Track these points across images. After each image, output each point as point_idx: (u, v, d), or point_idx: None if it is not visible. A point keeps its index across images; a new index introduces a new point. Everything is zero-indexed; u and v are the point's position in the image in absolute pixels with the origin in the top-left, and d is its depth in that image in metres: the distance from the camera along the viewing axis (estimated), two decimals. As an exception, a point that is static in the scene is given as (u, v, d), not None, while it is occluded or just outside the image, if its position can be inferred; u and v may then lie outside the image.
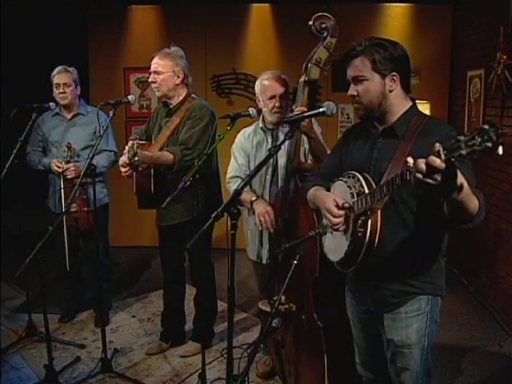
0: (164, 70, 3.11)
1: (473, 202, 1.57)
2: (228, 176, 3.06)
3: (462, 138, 1.28)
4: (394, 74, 1.84)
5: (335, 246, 1.95)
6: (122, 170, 3.06)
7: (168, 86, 3.13)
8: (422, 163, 1.37)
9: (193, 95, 3.24)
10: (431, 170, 1.36)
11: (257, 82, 2.91)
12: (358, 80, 1.88)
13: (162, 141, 3.14)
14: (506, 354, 3.47)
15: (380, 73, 1.84)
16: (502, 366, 3.33)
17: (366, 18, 5.11)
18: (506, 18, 3.84)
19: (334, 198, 1.88)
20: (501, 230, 4.00)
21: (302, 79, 2.55)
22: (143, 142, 3.10)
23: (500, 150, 1.24)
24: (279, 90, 2.81)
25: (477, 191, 1.62)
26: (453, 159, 1.31)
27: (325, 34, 2.48)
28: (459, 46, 5.15)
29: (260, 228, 2.82)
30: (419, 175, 1.39)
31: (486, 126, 1.24)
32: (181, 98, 3.19)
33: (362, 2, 5.12)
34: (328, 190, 2.00)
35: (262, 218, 2.73)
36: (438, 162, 1.33)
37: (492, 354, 3.48)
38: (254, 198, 2.83)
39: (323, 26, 2.46)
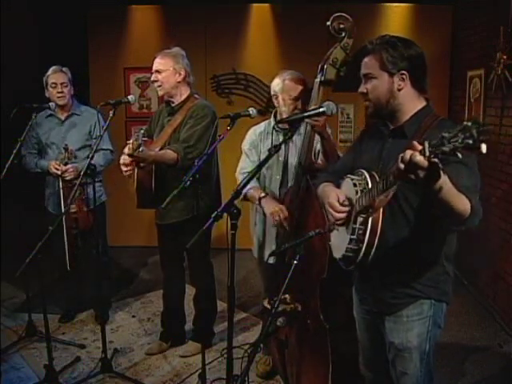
0: (164, 68, 3.14)
1: (460, 203, 1.56)
2: (242, 171, 3.00)
3: (446, 134, 1.28)
4: (403, 72, 1.83)
5: (339, 243, 1.95)
6: (124, 168, 3.06)
7: (170, 83, 3.15)
8: (406, 154, 1.39)
9: (195, 95, 3.25)
10: (412, 165, 1.37)
11: (278, 80, 2.86)
12: (367, 78, 1.90)
13: (163, 139, 3.16)
14: (506, 353, 3.47)
15: (388, 71, 1.84)
16: (502, 365, 3.33)
17: (366, 18, 5.11)
18: (506, 18, 3.84)
19: (337, 193, 1.89)
20: (501, 229, 4.00)
21: (317, 79, 2.55)
22: (145, 139, 3.12)
23: (483, 149, 1.21)
24: (303, 92, 2.79)
25: (471, 194, 1.61)
26: (436, 157, 1.32)
27: (342, 35, 2.47)
28: (459, 45, 5.16)
29: (274, 225, 2.80)
30: (400, 166, 1.40)
31: (469, 123, 1.23)
32: (183, 97, 3.21)
33: (362, 2, 5.12)
34: (338, 187, 2.00)
35: (276, 218, 2.71)
36: (417, 157, 1.35)
37: (492, 354, 3.48)
38: (262, 195, 2.82)
39: (341, 26, 2.46)
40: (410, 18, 5.25)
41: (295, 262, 1.99)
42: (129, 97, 3.05)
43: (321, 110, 2.08)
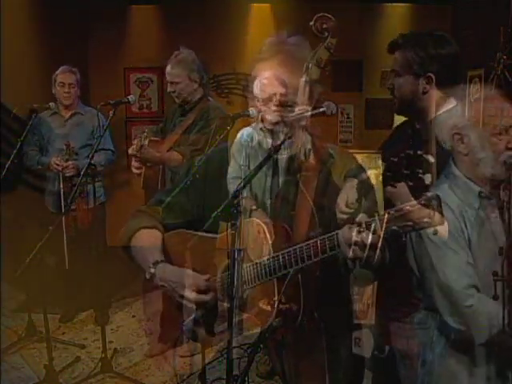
0: (179, 79, 3.19)
1: None
2: (228, 176, 3.05)
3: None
4: (430, 75, 1.76)
5: None
6: (134, 170, 3.11)
7: (187, 92, 3.22)
8: None
9: (209, 97, 3.31)
10: None
11: (255, 82, 2.91)
12: (395, 74, 1.84)
13: (174, 139, 3.22)
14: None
15: (413, 73, 1.78)
16: (501, 365, 3.32)
17: (366, 18, 5.11)
18: (506, 18, 3.84)
19: (348, 193, 1.88)
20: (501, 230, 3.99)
21: (302, 79, 2.56)
22: (156, 139, 3.16)
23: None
24: (279, 88, 2.81)
25: None
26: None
27: (326, 35, 2.48)
28: (459, 46, 5.14)
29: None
30: None
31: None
32: (197, 98, 3.27)
33: (362, 2, 5.12)
34: None
35: (259, 234, 2.72)
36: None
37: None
38: (254, 208, 2.82)
39: (324, 26, 2.46)
40: (410, 17, 5.24)
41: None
42: (129, 97, 3.06)
43: (321, 110, 2.08)
